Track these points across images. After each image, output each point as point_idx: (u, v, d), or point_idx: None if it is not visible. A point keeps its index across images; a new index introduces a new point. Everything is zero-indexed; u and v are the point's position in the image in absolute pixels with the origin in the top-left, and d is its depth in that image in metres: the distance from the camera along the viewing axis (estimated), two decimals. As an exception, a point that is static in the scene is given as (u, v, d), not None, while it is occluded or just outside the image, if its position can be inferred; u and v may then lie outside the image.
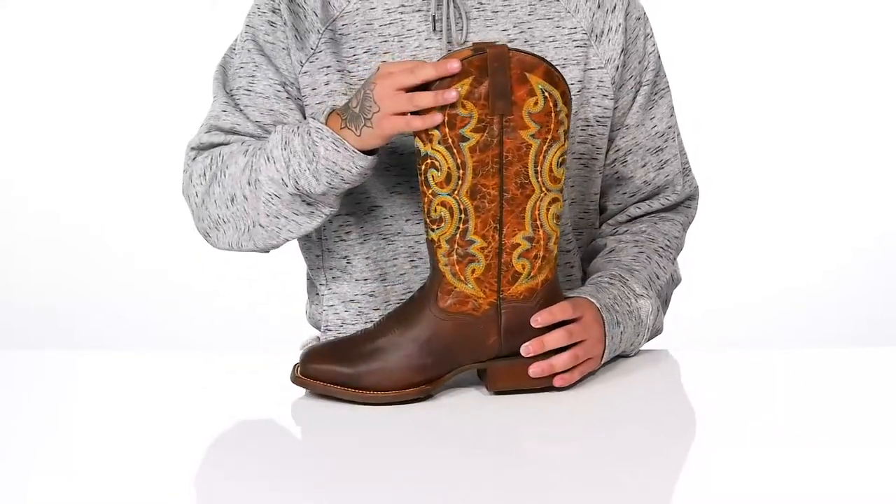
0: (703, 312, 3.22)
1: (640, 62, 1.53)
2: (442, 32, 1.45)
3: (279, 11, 1.48)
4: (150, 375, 1.46)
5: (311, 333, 1.66)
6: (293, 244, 1.60)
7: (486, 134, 1.26)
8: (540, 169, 1.28)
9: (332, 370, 1.30)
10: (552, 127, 1.27)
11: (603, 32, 1.50)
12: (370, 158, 1.35)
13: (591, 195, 1.56)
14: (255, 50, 1.49)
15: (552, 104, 1.27)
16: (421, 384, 1.31)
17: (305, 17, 1.47)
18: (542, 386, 1.32)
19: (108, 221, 3.47)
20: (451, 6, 1.45)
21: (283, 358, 1.38)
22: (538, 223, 1.30)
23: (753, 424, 1.25)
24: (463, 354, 1.32)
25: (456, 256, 1.30)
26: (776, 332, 3.22)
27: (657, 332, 1.48)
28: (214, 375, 1.45)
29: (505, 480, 1.11)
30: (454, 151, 1.26)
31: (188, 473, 1.16)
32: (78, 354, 1.56)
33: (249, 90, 1.49)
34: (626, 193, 1.57)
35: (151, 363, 1.50)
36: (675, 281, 1.55)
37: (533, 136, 1.27)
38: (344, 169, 1.34)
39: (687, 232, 1.61)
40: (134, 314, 3.32)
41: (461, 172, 1.27)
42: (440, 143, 1.26)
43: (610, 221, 1.59)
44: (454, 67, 1.25)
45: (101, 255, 3.44)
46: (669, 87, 1.57)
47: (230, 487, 1.11)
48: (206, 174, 1.46)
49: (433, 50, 1.45)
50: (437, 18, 1.45)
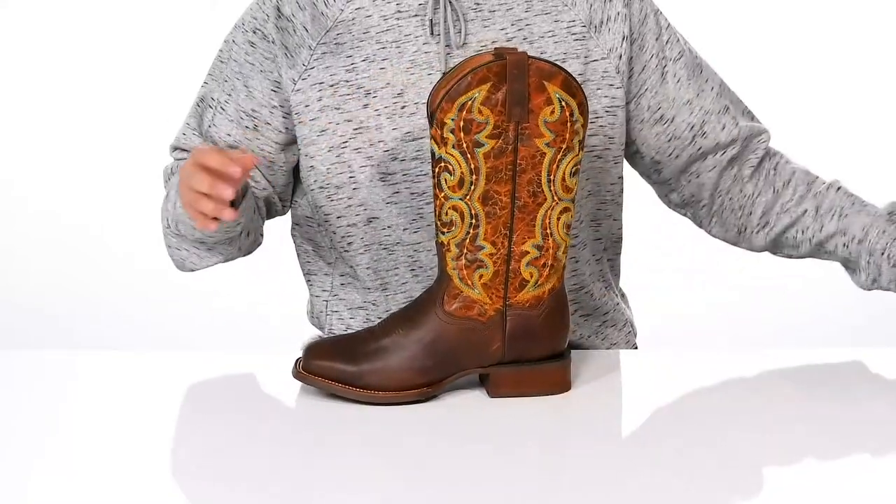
0: (702, 313, 3.23)
1: (657, 39, 1.52)
2: (440, 36, 1.44)
3: (260, 32, 1.48)
4: (150, 375, 1.46)
5: (311, 333, 1.65)
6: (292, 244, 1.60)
7: (500, 140, 1.26)
8: (553, 178, 1.28)
9: (333, 367, 1.30)
10: (567, 136, 1.27)
11: (602, 22, 1.49)
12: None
13: (607, 185, 1.54)
14: (234, 71, 1.50)
15: (568, 114, 1.26)
16: (422, 386, 1.30)
17: (295, 32, 1.47)
18: (543, 394, 1.32)
19: (108, 221, 3.46)
20: (448, 9, 1.44)
21: (283, 358, 1.38)
22: (548, 232, 1.29)
23: (753, 425, 1.25)
24: (466, 359, 1.31)
25: (464, 261, 1.29)
26: (776, 331, 3.22)
27: None
28: (214, 375, 1.44)
29: (505, 480, 1.11)
30: (468, 156, 1.26)
31: (188, 473, 1.16)
32: (78, 354, 1.56)
33: (224, 109, 1.51)
34: (717, 162, 1.54)
35: (151, 363, 1.50)
36: None
37: (548, 144, 1.27)
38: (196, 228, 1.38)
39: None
40: (134, 314, 3.32)
41: (474, 178, 1.26)
42: (454, 147, 1.26)
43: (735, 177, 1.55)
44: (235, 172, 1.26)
45: (101, 255, 3.43)
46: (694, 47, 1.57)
47: (230, 487, 1.11)
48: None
49: (431, 54, 1.45)
50: (434, 22, 1.44)
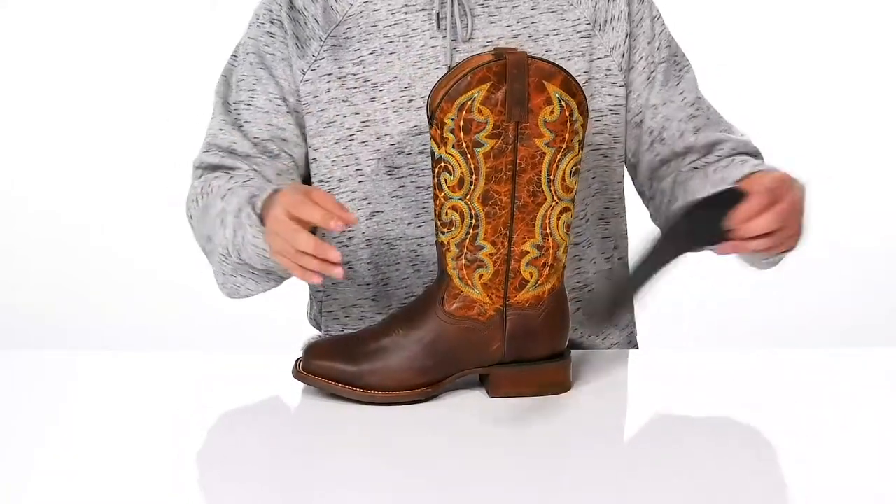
0: (702, 313, 3.23)
1: (649, 43, 1.53)
2: (446, 30, 1.45)
3: (278, 21, 1.49)
4: (150, 375, 1.45)
5: (311, 334, 1.65)
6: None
7: (500, 140, 1.26)
8: (553, 178, 1.28)
9: (333, 367, 1.30)
10: (567, 136, 1.27)
11: (606, 21, 1.50)
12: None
13: (613, 184, 1.55)
14: (256, 63, 1.50)
15: (568, 114, 1.26)
16: (422, 386, 1.30)
17: (306, 23, 1.48)
18: (543, 394, 1.32)
19: (108, 221, 3.46)
20: (455, 3, 1.45)
21: (284, 358, 1.38)
22: (548, 231, 1.29)
23: (753, 425, 1.26)
24: (466, 359, 1.31)
25: (464, 261, 1.29)
26: (776, 331, 3.22)
27: None
28: (215, 375, 1.44)
29: (505, 480, 1.11)
30: (468, 156, 1.26)
31: (188, 473, 1.16)
32: (78, 354, 1.55)
33: (250, 104, 1.50)
34: (674, 168, 1.54)
35: (151, 363, 1.50)
36: None
37: (547, 144, 1.27)
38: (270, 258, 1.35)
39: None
40: (134, 314, 3.32)
41: (474, 177, 1.26)
42: (454, 147, 1.25)
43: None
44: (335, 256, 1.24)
45: (101, 255, 3.44)
46: (691, 65, 1.56)
47: (230, 487, 1.11)
48: (198, 202, 1.48)
49: (438, 48, 1.45)
50: (441, 16, 1.45)
